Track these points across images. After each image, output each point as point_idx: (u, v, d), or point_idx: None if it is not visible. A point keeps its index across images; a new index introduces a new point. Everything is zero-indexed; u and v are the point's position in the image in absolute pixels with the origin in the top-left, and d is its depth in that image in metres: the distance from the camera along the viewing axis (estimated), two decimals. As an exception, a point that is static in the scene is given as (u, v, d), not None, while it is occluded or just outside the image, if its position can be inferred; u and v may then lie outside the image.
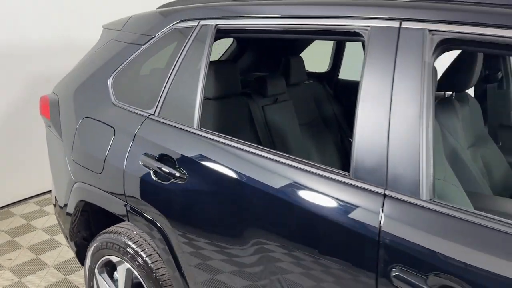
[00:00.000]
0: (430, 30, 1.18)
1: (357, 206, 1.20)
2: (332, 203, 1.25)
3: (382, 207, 1.16)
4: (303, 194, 1.31)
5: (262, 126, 2.34)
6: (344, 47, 3.03)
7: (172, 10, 1.92)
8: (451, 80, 2.12)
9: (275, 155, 1.42)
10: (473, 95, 2.52)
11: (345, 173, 1.26)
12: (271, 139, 2.38)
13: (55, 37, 3.83)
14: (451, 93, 2.24)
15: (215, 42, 1.71)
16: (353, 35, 1.33)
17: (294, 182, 1.34)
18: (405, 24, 1.22)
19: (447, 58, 1.57)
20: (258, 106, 2.37)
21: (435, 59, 1.19)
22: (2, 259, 3.12)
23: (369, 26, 1.28)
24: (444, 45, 1.17)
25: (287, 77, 2.61)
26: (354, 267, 1.19)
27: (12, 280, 2.87)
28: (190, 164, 1.60)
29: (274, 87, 2.44)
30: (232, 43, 3.12)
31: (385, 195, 1.17)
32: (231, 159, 1.51)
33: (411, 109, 1.16)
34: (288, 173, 1.37)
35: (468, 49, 1.19)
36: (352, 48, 3.02)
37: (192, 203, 1.60)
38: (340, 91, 2.97)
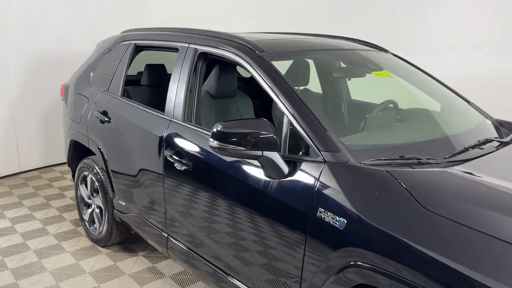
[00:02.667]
0: (195, 48, 2.63)
1: (162, 127, 2.66)
2: (154, 126, 2.71)
3: (168, 126, 2.62)
4: (148, 125, 2.79)
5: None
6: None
7: (122, 34, 3.49)
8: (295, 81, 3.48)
9: (145, 108, 2.91)
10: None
11: (163, 112, 2.72)
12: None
13: (92, 48, 5.57)
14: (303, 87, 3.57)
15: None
16: (177, 50, 2.80)
17: (147, 121, 2.82)
18: (190, 46, 2.68)
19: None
20: None
21: (199, 63, 2.62)
22: (40, 192, 4.83)
23: (180, 45, 2.76)
24: (202, 57, 2.62)
25: None
26: (156, 152, 2.64)
27: (42, 202, 4.55)
28: (113, 114, 3.14)
29: None
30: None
31: (171, 121, 2.63)
32: (129, 112, 3.02)
33: (184, 85, 2.61)
34: (145, 117, 2.85)
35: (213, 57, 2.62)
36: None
37: (112, 135, 3.13)
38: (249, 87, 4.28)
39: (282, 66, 3.52)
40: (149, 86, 3.64)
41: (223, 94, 2.96)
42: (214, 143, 1.90)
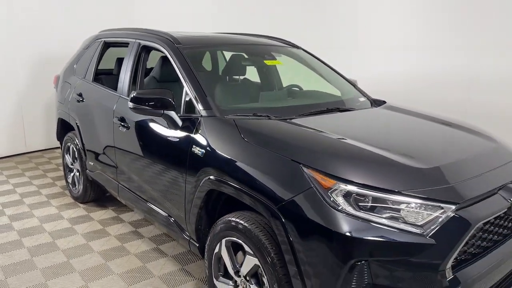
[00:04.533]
0: (139, 43, 3.52)
1: (114, 102, 3.55)
2: (109, 101, 3.61)
3: (117, 100, 3.51)
4: (106, 101, 3.69)
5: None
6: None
7: (97, 34, 4.42)
8: (231, 72, 4.33)
9: (105, 88, 3.81)
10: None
11: (116, 91, 3.61)
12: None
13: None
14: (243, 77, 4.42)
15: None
16: (127, 45, 3.70)
17: (105, 98, 3.72)
18: (136, 41, 3.58)
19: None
20: None
21: (142, 53, 3.51)
22: (40, 166, 5.80)
23: (130, 42, 3.66)
24: (144, 48, 3.50)
25: None
26: (109, 120, 3.54)
27: (41, 173, 5.51)
28: (85, 94, 4.06)
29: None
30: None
31: (119, 96, 3.51)
32: (95, 92, 3.94)
33: (130, 69, 3.51)
34: (104, 95, 3.75)
35: (152, 50, 3.51)
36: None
37: (84, 111, 4.05)
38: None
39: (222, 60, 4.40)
40: (118, 75, 4.55)
41: (166, 78, 3.83)
42: (130, 104, 2.78)
